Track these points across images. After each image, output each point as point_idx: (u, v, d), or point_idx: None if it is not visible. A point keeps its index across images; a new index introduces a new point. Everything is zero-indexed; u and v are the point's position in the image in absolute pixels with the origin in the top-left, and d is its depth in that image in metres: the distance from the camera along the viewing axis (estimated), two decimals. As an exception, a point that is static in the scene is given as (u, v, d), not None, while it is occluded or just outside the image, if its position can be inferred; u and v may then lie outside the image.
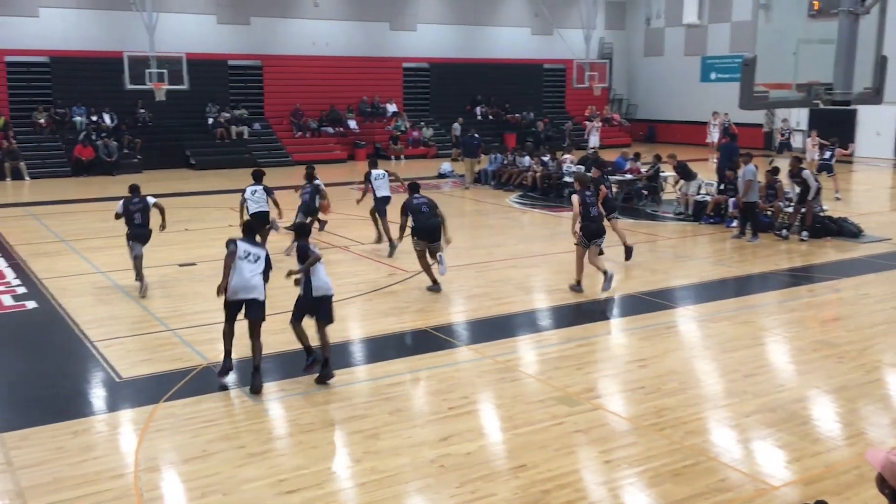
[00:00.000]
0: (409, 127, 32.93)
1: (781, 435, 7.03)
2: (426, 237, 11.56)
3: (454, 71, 35.04)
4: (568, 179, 20.38)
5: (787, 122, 30.11)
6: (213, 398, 7.97)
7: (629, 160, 20.77)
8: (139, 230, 11.89)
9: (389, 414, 7.49)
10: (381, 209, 14.57)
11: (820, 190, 16.10)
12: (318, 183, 14.71)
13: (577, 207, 11.61)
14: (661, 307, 11.14)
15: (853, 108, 27.07)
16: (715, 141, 28.94)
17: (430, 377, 8.57)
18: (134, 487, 6.18)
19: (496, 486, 6.16)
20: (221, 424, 7.36)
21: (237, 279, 8.07)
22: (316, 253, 8.24)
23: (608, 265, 12.01)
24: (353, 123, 32.51)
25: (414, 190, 12.06)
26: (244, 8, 31.08)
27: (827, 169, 20.80)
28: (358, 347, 9.61)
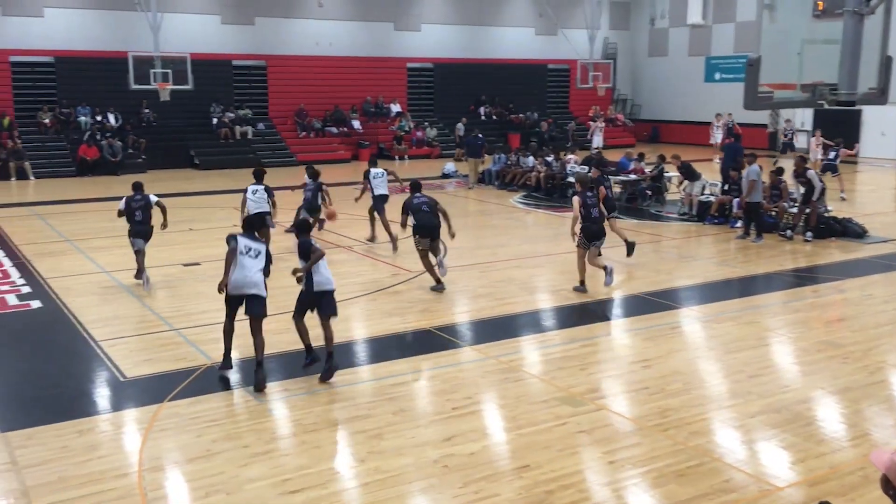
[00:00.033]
0: (412, 127, 32.93)
1: (786, 436, 7.02)
2: (427, 234, 11.71)
3: (458, 71, 35.03)
4: (572, 180, 20.36)
5: (790, 122, 30.04)
6: (216, 398, 7.98)
7: (633, 160, 20.77)
8: (139, 227, 11.97)
9: (393, 414, 7.49)
10: (379, 207, 14.78)
11: (824, 190, 16.07)
12: (321, 182, 14.87)
13: (577, 208, 11.66)
14: (665, 307, 11.13)
15: (858, 108, 27.04)
16: (718, 142, 28.90)
17: (433, 377, 8.58)
18: (138, 487, 6.19)
19: (500, 486, 6.15)
20: (225, 424, 7.37)
21: (239, 274, 8.14)
22: (319, 250, 8.30)
23: (608, 262, 12.05)
24: (356, 123, 32.53)
25: (415, 189, 12.16)
26: (248, 8, 31.11)
27: (831, 169, 20.76)
28: (361, 347, 9.62)
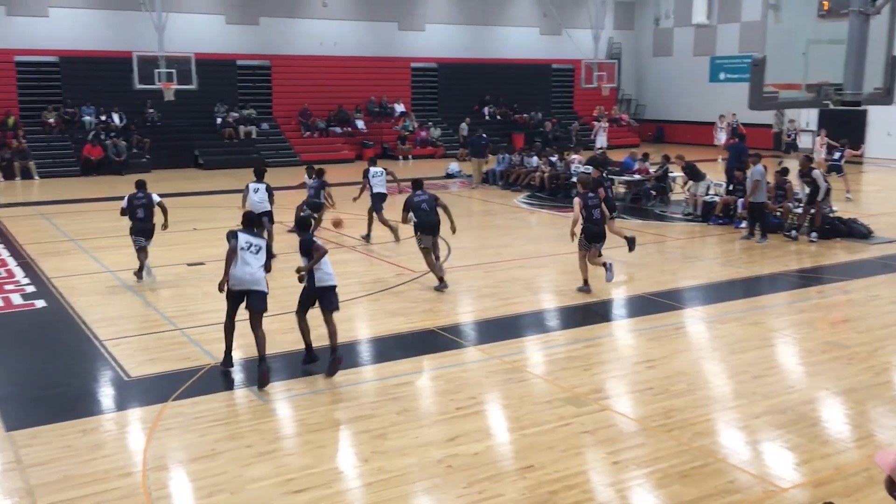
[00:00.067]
0: (416, 127, 32.92)
1: (790, 437, 7.00)
2: (429, 232, 11.85)
3: (462, 71, 35.01)
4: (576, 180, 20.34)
5: (793, 122, 29.95)
6: (221, 397, 7.99)
7: (638, 160, 20.73)
8: (141, 224, 12.08)
9: (397, 414, 7.49)
10: (377, 206, 15.18)
11: (829, 191, 16.03)
12: (324, 180, 15.26)
13: (577, 210, 11.67)
14: (669, 308, 11.11)
15: (863, 108, 26.95)
16: (722, 143, 28.83)
17: (437, 377, 8.57)
18: (142, 486, 6.20)
19: (504, 486, 6.15)
20: (229, 424, 7.38)
21: (241, 270, 8.19)
22: (322, 248, 8.33)
23: (608, 259, 12.05)
24: (360, 123, 32.55)
25: (417, 187, 12.27)
26: (253, 8, 31.14)
27: (836, 170, 20.71)
28: (365, 347, 9.62)
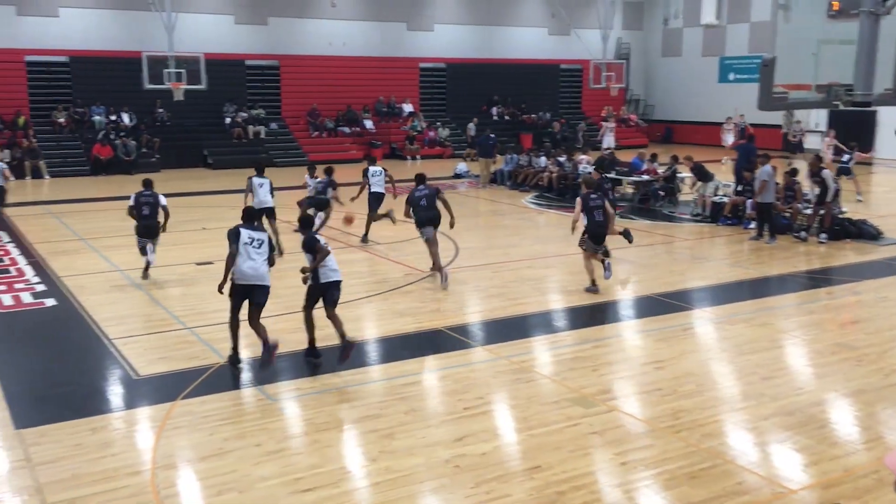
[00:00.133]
0: (425, 127, 32.94)
1: (799, 438, 6.98)
2: (428, 224, 12.18)
3: (470, 71, 35.02)
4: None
5: (799, 123, 29.81)
6: (229, 396, 8.02)
7: (646, 161, 20.70)
8: (146, 221, 12.26)
9: (404, 414, 7.50)
10: (372, 205, 15.53)
11: (839, 192, 15.97)
12: (332, 178, 15.48)
13: (577, 209, 11.71)
14: (677, 309, 11.09)
15: (873, 109, 26.82)
16: (730, 144, 28.73)
17: (445, 377, 8.58)
18: (151, 484, 6.23)
19: (511, 486, 6.15)
20: (238, 422, 7.40)
21: (245, 265, 8.33)
22: (325, 248, 8.36)
23: (608, 258, 12.05)
24: (369, 123, 32.58)
25: (419, 182, 12.39)
26: (262, 8, 31.21)
27: (846, 172, 20.61)
28: (373, 347, 9.62)
